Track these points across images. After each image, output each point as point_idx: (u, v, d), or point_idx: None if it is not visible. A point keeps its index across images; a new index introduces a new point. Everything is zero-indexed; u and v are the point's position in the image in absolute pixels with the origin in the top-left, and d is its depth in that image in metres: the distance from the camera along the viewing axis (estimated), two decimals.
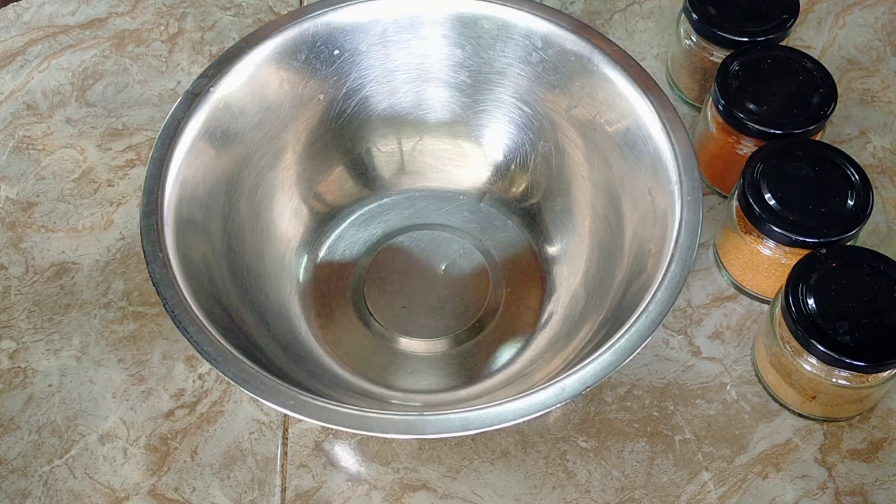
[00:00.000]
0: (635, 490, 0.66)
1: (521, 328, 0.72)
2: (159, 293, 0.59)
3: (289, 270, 0.74)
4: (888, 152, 0.83)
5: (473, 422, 0.55)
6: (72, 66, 0.89)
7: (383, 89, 0.76)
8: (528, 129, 0.76)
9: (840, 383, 0.64)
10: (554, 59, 0.71)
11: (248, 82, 0.69)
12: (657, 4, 0.93)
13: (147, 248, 0.61)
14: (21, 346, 0.73)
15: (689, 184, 0.63)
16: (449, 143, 0.79)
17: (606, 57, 0.69)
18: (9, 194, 0.81)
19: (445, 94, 0.77)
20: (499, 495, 0.66)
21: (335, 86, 0.74)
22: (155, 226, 0.61)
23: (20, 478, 0.67)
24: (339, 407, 0.55)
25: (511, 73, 0.74)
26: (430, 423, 0.55)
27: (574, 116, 0.72)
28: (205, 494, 0.66)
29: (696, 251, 0.61)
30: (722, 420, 0.69)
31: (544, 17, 0.71)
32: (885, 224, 0.79)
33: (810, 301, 0.63)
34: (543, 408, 0.55)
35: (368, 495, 0.66)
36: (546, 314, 0.72)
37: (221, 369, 0.56)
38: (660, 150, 0.65)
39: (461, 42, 0.74)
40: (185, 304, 0.59)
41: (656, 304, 0.59)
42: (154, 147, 0.65)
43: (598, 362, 0.57)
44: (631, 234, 0.68)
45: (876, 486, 0.66)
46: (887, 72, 0.88)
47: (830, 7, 0.93)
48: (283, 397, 0.56)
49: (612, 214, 0.70)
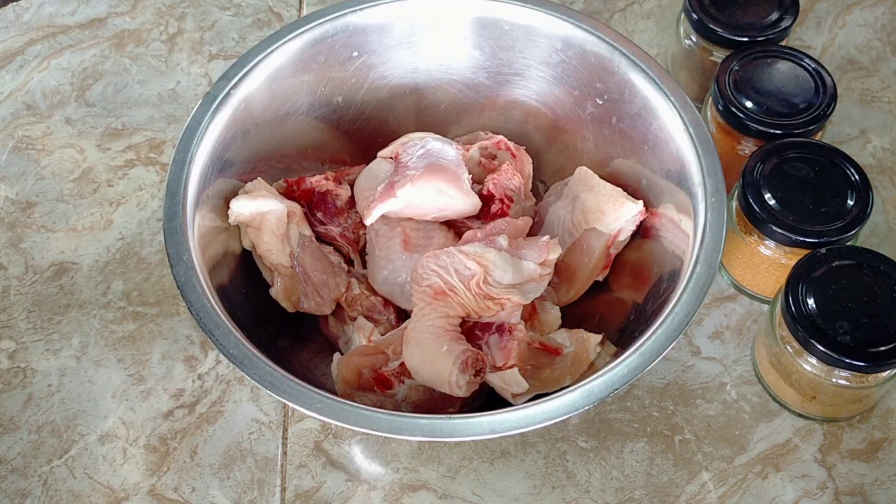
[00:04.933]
0: (635, 490, 0.66)
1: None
2: (184, 296, 0.59)
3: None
4: (888, 152, 0.83)
5: (501, 425, 0.55)
6: (71, 66, 0.89)
7: (402, 91, 0.76)
8: (547, 130, 0.76)
9: (840, 383, 0.64)
10: (574, 61, 0.71)
11: (267, 84, 0.69)
12: (657, 4, 0.93)
13: (171, 251, 0.60)
14: (21, 346, 0.73)
15: (713, 185, 0.63)
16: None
17: (627, 58, 0.69)
18: (8, 194, 0.81)
19: (465, 96, 0.77)
20: (499, 495, 0.66)
21: (354, 88, 0.74)
22: (178, 229, 0.61)
23: (20, 478, 0.67)
24: (367, 411, 0.55)
25: (531, 74, 0.74)
26: (457, 427, 0.54)
27: (594, 117, 0.72)
28: (204, 494, 0.66)
29: (720, 253, 0.60)
30: (722, 420, 0.69)
31: (564, 18, 0.71)
32: (885, 224, 0.79)
33: (810, 301, 0.63)
34: (571, 410, 0.55)
35: (368, 495, 0.66)
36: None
37: (248, 373, 0.56)
38: (682, 152, 0.65)
39: (480, 44, 0.74)
40: (209, 308, 0.59)
41: (682, 306, 0.58)
42: (176, 149, 0.64)
43: (625, 364, 0.57)
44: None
45: (876, 486, 0.66)
46: (887, 72, 0.88)
47: (830, 7, 0.93)
48: (309, 400, 0.56)
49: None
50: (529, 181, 0.76)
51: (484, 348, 0.65)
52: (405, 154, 0.71)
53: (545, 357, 0.65)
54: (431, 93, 0.77)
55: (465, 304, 0.64)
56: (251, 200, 0.67)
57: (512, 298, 0.63)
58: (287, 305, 0.69)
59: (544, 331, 0.68)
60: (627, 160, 0.71)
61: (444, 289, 0.63)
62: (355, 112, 0.75)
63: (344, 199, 0.73)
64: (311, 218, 0.72)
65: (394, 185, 0.68)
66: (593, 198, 0.69)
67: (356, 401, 0.58)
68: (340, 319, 0.71)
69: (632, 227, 0.69)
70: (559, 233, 0.71)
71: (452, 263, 0.64)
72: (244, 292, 0.67)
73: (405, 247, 0.69)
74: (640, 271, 0.69)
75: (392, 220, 0.70)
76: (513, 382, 0.62)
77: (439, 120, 0.78)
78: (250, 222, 0.68)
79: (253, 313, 0.66)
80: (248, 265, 0.69)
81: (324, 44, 0.71)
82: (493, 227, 0.68)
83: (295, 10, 0.93)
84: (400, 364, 0.65)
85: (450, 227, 0.72)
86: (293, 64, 0.70)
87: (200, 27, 0.92)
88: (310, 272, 0.69)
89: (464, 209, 0.70)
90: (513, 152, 0.75)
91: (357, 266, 0.73)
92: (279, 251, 0.68)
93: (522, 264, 0.65)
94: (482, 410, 0.56)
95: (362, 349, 0.67)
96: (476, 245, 0.65)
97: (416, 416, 0.55)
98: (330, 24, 0.71)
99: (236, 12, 0.93)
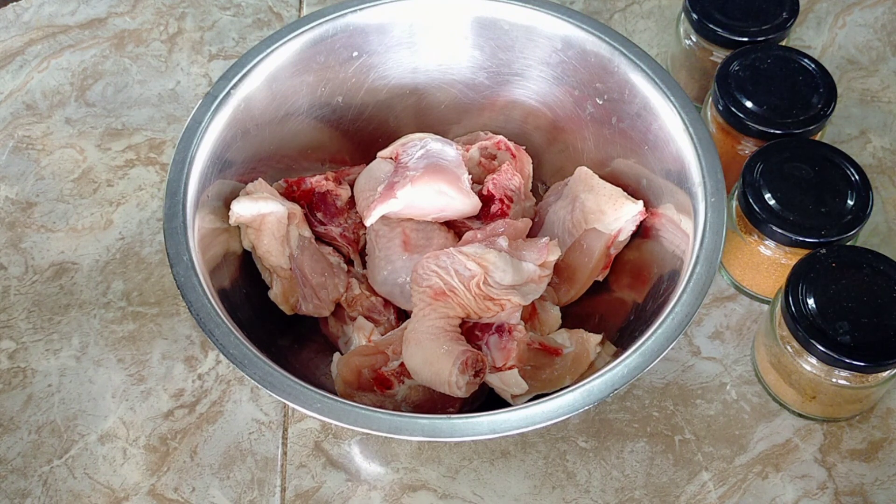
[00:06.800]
0: (635, 490, 0.66)
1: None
2: (184, 296, 0.59)
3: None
4: (888, 152, 0.83)
5: (501, 425, 0.54)
6: (71, 66, 0.89)
7: (402, 91, 0.76)
8: (547, 130, 0.76)
9: (840, 383, 0.64)
10: (574, 61, 0.71)
11: (267, 84, 0.69)
12: (657, 4, 0.93)
13: (171, 251, 0.60)
14: (21, 346, 0.73)
15: (713, 185, 0.63)
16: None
17: (627, 58, 0.69)
18: (8, 194, 0.81)
19: (465, 96, 0.77)
20: (499, 495, 0.66)
21: (354, 88, 0.74)
22: (178, 229, 0.61)
23: (20, 478, 0.67)
24: (367, 411, 0.55)
25: (531, 74, 0.74)
26: (457, 427, 0.54)
27: (594, 117, 0.72)
28: (204, 494, 0.66)
29: (720, 253, 0.60)
30: (722, 420, 0.69)
31: (564, 18, 0.71)
32: (885, 224, 0.79)
33: (810, 301, 0.63)
34: (571, 410, 0.55)
35: (368, 495, 0.66)
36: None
37: (248, 373, 0.56)
38: (682, 152, 0.65)
39: (480, 44, 0.74)
40: (209, 308, 0.59)
41: (682, 306, 0.58)
42: (176, 149, 0.64)
43: (625, 364, 0.57)
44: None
45: (876, 486, 0.66)
46: (887, 72, 0.88)
47: (830, 7, 0.93)
48: (309, 400, 0.55)
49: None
50: (529, 181, 0.76)
51: (484, 349, 0.65)
52: (405, 154, 0.71)
53: (545, 357, 0.65)
54: (431, 93, 0.77)
55: (465, 305, 0.64)
56: (252, 202, 0.67)
57: (512, 299, 0.63)
58: (285, 308, 0.69)
59: (544, 331, 0.68)
60: (627, 160, 0.71)
61: (444, 289, 0.63)
62: (355, 112, 0.75)
63: (344, 200, 0.73)
64: (311, 218, 0.72)
65: (394, 185, 0.68)
66: (593, 198, 0.69)
67: (356, 401, 0.58)
68: (340, 319, 0.71)
69: (632, 227, 0.69)
70: (559, 233, 0.71)
71: (452, 264, 0.64)
72: (244, 292, 0.67)
73: (405, 247, 0.69)
74: (640, 271, 0.69)
75: (392, 221, 0.70)
76: (512, 384, 0.62)
77: (439, 120, 0.78)
78: (250, 223, 0.68)
79: (253, 313, 0.66)
80: (248, 265, 0.69)
81: (324, 44, 0.71)
82: (492, 228, 0.68)
83: (295, 10, 0.93)
84: (400, 364, 0.65)
85: (450, 227, 0.72)
86: (293, 64, 0.70)
87: (200, 27, 0.92)
88: (308, 274, 0.69)
89: (464, 210, 0.70)
90: (513, 152, 0.75)
91: (357, 266, 0.73)
92: (278, 253, 0.68)
93: (522, 265, 0.65)
94: (482, 410, 0.56)
95: (362, 349, 0.67)
96: (476, 246, 0.65)
97: (416, 416, 0.55)
98: (330, 24, 0.71)
99: (236, 12, 0.93)
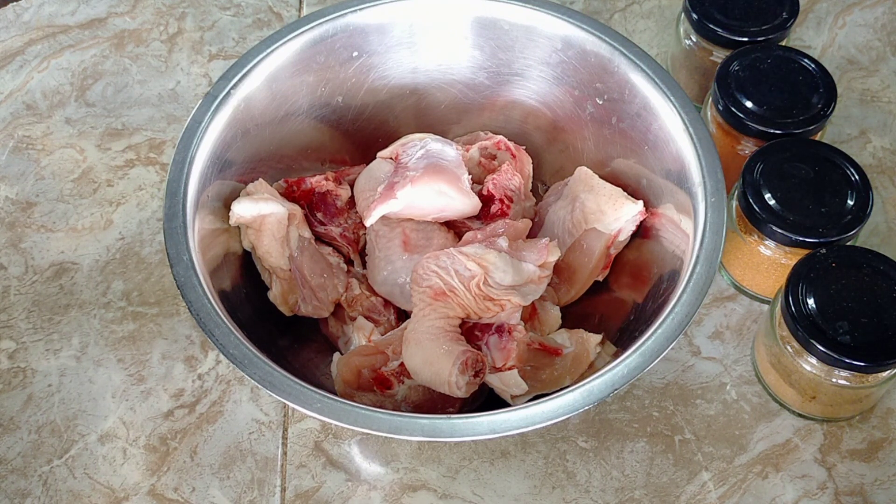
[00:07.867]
0: (635, 490, 0.66)
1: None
2: (184, 296, 0.59)
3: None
4: (888, 152, 0.83)
5: (501, 425, 0.54)
6: (71, 66, 0.89)
7: (402, 91, 0.76)
8: (547, 130, 0.76)
9: (840, 383, 0.64)
10: (574, 61, 0.71)
11: (267, 84, 0.69)
12: (657, 4, 0.93)
13: (171, 251, 0.60)
14: (21, 346, 0.73)
15: (713, 185, 0.63)
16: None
17: (627, 58, 0.69)
18: (8, 194, 0.81)
19: (465, 96, 0.77)
20: (499, 495, 0.66)
21: (354, 88, 0.74)
22: (178, 229, 0.61)
23: (20, 478, 0.67)
24: (367, 411, 0.55)
25: (531, 74, 0.74)
26: (457, 427, 0.54)
27: (594, 117, 0.72)
28: (204, 494, 0.66)
29: (720, 253, 0.60)
30: (722, 420, 0.69)
31: (564, 18, 0.71)
32: (885, 224, 0.79)
33: (810, 301, 0.63)
34: (571, 410, 0.55)
35: (368, 495, 0.66)
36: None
37: (248, 373, 0.56)
38: (682, 152, 0.65)
39: (480, 44, 0.74)
40: (209, 308, 0.59)
41: (682, 306, 0.58)
42: (176, 150, 0.64)
43: (625, 364, 0.56)
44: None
45: (876, 486, 0.66)
46: (887, 72, 0.88)
47: (830, 7, 0.93)
48: (309, 400, 0.55)
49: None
50: (529, 181, 0.76)
51: (483, 349, 0.65)
52: (405, 155, 0.71)
53: (545, 357, 0.65)
54: (431, 93, 0.77)
55: (465, 305, 0.64)
56: (252, 202, 0.67)
57: (512, 300, 0.63)
58: (284, 309, 0.69)
59: (544, 331, 0.68)
60: (627, 160, 0.71)
61: (444, 289, 0.63)
62: (355, 112, 0.75)
63: (344, 200, 0.73)
64: (311, 218, 0.72)
65: (394, 186, 0.68)
66: (593, 198, 0.69)
67: (356, 401, 0.58)
68: (340, 320, 0.71)
69: (632, 227, 0.69)
70: (559, 233, 0.71)
71: (452, 264, 0.64)
72: (244, 292, 0.67)
73: (405, 248, 0.69)
74: (640, 271, 0.69)
75: (392, 221, 0.70)
76: (512, 384, 0.62)
77: (439, 120, 0.78)
78: (251, 224, 0.68)
79: (253, 313, 0.66)
80: (248, 266, 0.69)
81: (324, 44, 0.71)
82: (492, 229, 0.68)
83: (295, 10, 0.93)
84: (400, 364, 0.65)
85: (450, 227, 0.72)
86: (293, 64, 0.70)
87: (200, 27, 0.92)
88: (307, 275, 0.69)
89: (464, 210, 0.70)
90: (513, 152, 0.75)
91: (357, 266, 0.73)
92: (278, 254, 0.68)
93: (522, 266, 0.65)
94: (482, 410, 0.56)
95: (362, 349, 0.67)
96: (476, 246, 0.65)
97: (415, 416, 0.55)
98: (330, 24, 0.71)
99: (236, 12, 0.93)
